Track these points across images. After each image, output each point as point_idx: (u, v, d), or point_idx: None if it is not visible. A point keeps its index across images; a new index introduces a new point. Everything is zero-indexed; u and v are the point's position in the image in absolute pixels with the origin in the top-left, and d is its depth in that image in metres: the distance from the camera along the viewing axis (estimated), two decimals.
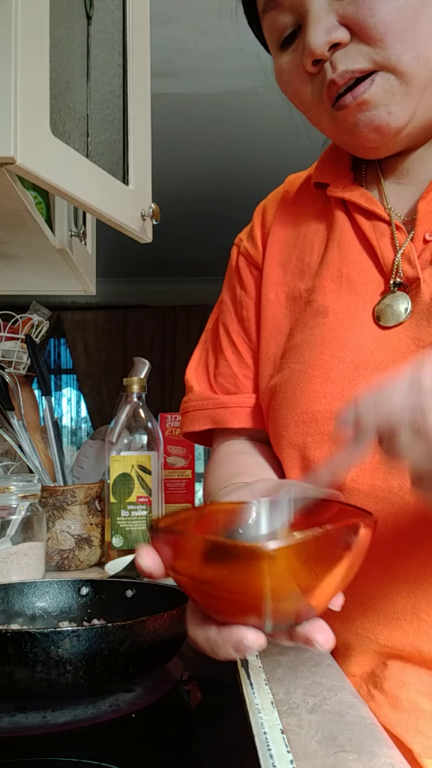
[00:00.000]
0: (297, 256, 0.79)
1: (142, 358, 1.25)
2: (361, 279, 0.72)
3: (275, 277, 0.80)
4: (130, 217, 1.00)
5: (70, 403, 6.24)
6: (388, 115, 0.65)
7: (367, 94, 0.64)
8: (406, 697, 0.66)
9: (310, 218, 0.79)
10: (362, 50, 0.63)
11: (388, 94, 0.64)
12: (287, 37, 0.68)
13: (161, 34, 2.55)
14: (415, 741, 0.65)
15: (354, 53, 0.63)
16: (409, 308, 0.68)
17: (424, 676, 0.66)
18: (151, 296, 6.05)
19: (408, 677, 0.66)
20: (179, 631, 0.60)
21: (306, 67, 0.66)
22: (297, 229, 0.80)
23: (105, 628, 0.54)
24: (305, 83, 0.68)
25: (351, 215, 0.75)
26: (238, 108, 3.18)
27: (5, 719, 0.54)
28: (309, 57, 0.64)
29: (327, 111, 0.68)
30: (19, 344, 1.35)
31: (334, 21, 0.63)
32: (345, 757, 0.48)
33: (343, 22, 0.63)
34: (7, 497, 0.99)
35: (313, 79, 0.67)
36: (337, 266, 0.74)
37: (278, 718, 0.53)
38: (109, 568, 1.04)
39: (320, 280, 0.75)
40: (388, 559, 0.65)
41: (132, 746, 0.51)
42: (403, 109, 0.65)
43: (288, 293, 0.79)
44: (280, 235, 0.82)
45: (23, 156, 0.75)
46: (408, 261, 0.69)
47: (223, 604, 0.45)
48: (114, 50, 1.02)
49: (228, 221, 4.76)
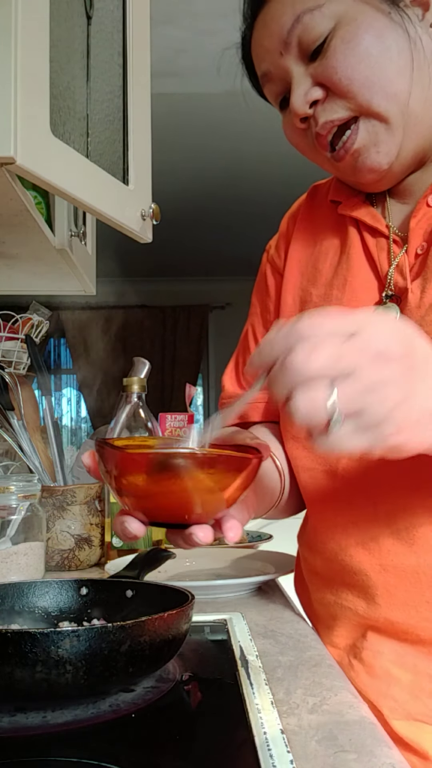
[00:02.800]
0: (313, 264, 0.86)
1: (142, 358, 1.25)
2: (362, 289, 0.80)
3: (294, 282, 0.88)
4: (130, 217, 1.00)
5: (70, 403, 6.24)
6: (377, 154, 0.74)
7: (356, 143, 0.74)
8: (380, 666, 0.74)
9: (327, 229, 0.87)
10: (337, 102, 0.73)
11: (373, 136, 0.74)
12: (282, 101, 0.80)
13: (161, 34, 2.55)
14: (385, 704, 0.73)
15: (331, 106, 0.74)
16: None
17: (396, 647, 0.74)
18: (151, 296, 6.05)
19: (383, 647, 0.75)
20: (179, 631, 0.60)
21: (296, 125, 0.78)
22: (315, 237, 0.88)
23: (105, 628, 0.54)
24: (301, 137, 0.79)
25: (360, 231, 0.83)
26: (238, 108, 3.16)
27: (5, 719, 0.54)
28: (295, 117, 0.76)
29: (326, 158, 0.78)
30: (19, 344, 1.35)
31: (309, 84, 0.74)
32: (345, 757, 0.48)
33: (317, 82, 0.74)
34: (7, 497, 0.99)
35: (306, 133, 0.78)
36: (344, 276, 0.82)
37: (278, 718, 0.53)
38: (109, 568, 1.04)
39: (330, 288, 0.82)
40: (365, 538, 0.74)
41: (132, 746, 0.51)
42: (389, 146, 0.74)
43: (302, 297, 0.86)
44: (300, 243, 0.90)
45: (23, 156, 0.75)
46: (400, 273, 0.77)
47: (150, 504, 0.59)
48: (114, 50, 1.02)
49: (228, 221, 4.76)
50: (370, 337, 0.47)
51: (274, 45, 0.75)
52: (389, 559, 0.72)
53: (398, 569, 0.72)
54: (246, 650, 0.69)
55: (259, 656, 0.68)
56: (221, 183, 4.03)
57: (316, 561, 0.82)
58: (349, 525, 0.76)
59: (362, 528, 0.74)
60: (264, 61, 0.78)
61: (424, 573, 0.70)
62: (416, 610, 0.71)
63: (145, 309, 6.08)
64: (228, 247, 5.21)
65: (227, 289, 5.91)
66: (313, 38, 0.72)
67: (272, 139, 3.46)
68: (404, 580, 0.71)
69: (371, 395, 0.47)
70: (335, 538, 0.78)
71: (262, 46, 0.78)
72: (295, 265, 0.89)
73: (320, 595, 0.83)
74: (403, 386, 0.48)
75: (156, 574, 0.99)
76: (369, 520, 0.74)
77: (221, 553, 1.19)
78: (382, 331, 0.48)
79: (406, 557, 0.71)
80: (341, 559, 0.76)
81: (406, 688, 0.72)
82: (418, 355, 0.49)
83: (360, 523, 0.75)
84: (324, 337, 0.47)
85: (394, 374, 0.48)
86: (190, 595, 0.64)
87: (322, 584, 0.82)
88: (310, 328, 0.48)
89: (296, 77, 0.75)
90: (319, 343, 0.47)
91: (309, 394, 0.47)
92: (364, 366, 0.47)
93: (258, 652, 0.69)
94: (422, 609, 0.71)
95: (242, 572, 1.05)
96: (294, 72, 0.75)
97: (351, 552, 0.75)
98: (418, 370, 0.49)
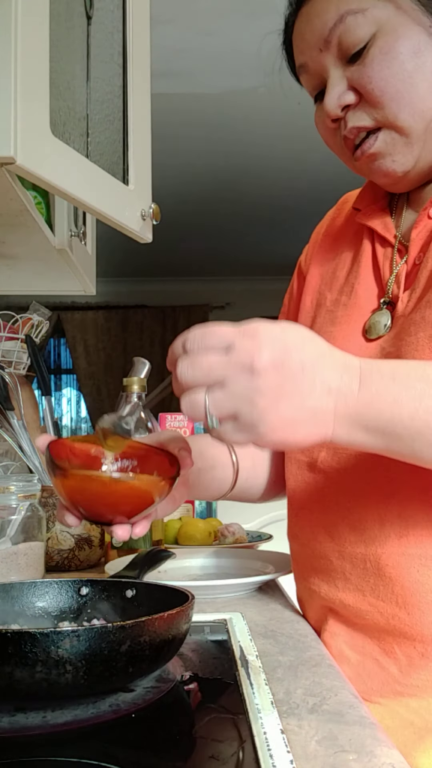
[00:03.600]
0: (332, 270, 0.90)
1: (142, 358, 1.25)
2: (365, 296, 0.83)
3: (314, 286, 0.92)
4: (130, 217, 1.00)
5: (70, 403, 6.24)
6: (392, 163, 0.77)
7: (373, 148, 0.77)
8: (335, 646, 0.79)
9: (349, 237, 0.91)
10: (367, 110, 0.76)
11: (390, 146, 0.76)
12: (318, 94, 0.82)
13: (161, 34, 2.55)
14: None
15: (360, 113, 0.76)
16: (389, 324, 0.79)
17: (349, 629, 0.79)
18: (151, 296, 6.05)
19: (338, 629, 0.80)
20: (179, 631, 0.60)
21: (327, 124, 0.80)
22: (338, 244, 0.92)
23: (105, 628, 0.54)
24: (331, 134, 0.82)
25: (372, 239, 0.86)
26: (238, 108, 3.18)
27: (5, 719, 0.55)
28: (327, 118, 0.79)
29: (350, 158, 0.81)
30: (19, 344, 1.35)
31: (344, 87, 0.77)
32: (345, 757, 0.48)
33: (351, 86, 0.76)
34: (7, 497, 0.99)
35: (335, 132, 0.81)
36: (352, 283, 0.85)
37: (278, 718, 0.53)
38: (109, 568, 1.04)
39: (340, 294, 0.86)
40: (329, 525, 0.79)
41: (132, 746, 0.51)
42: (406, 157, 0.77)
43: (318, 301, 0.90)
44: (324, 249, 0.94)
45: (23, 156, 0.75)
46: (397, 281, 0.80)
47: (72, 501, 0.66)
48: (114, 50, 1.02)
49: (228, 221, 4.76)
50: (240, 352, 0.54)
51: (315, 40, 0.77)
52: (346, 546, 0.77)
53: (351, 556, 0.77)
54: (246, 650, 0.69)
55: (259, 656, 0.68)
56: (221, 183, 4.03)
57: (294, 546, 0.88)
58: (318, 513, 0.81)
59: (329, 517, 0.80)
60: (303, 53, 0.79)
61: (369, 561, 0.75)
62: (363, 595, 0.76)
63: (145, 309, 6.07)
64: (228, 247, 5.21)
65: (227, 289, 5.91)
66: (353, 41, 0.74)
67: (272, 139, 3.47)
68: (356, 567, 0.76)
69: (240, 402, 0.54)
70: (309, 525, 0.82)
71: (303, 39, 0.79)
72: (317, 269, 0.93)
73: (298, 580, 0.89)
74: (271, 394, 0.54)
75: (156, 574, 0.99)
76: (334, 510, 0.79)
77: (221, 553, 1.19)
78: (254, 345, 0.54)
79: (357, 546, 0.76)
80: (312, 545, 0.82)
81: (352, 668, 0.77)
82: (292, 364, 0.55)
83: (328, 513, 0.80)
84: (202, 351, 0.55)
85: (261, 384, 0.54)
86: (190, 595, 0.64)
87: (298, 568, 0.87)
88: (193, 341, 0.56)
89: (332, 78, 0.77)
90: (197, 357, 0.55)
91: (190, 398, 0.56)
92: (233, 377, 0.54)
93: (258, 652, 0.69)
94: (368, 595, 0.75)
95: (242, 572, 1.05)
96: (331, 72, 0.77)
97: (320, 538, 0.80)
98: (290, 377, 0.55)
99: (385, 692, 0.74)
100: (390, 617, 0.74)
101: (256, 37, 2.55)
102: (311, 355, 0.56)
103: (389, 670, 0.74)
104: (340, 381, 0.56)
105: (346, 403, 0.56)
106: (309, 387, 0.55)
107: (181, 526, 1.37)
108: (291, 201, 4.24)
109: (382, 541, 0.74)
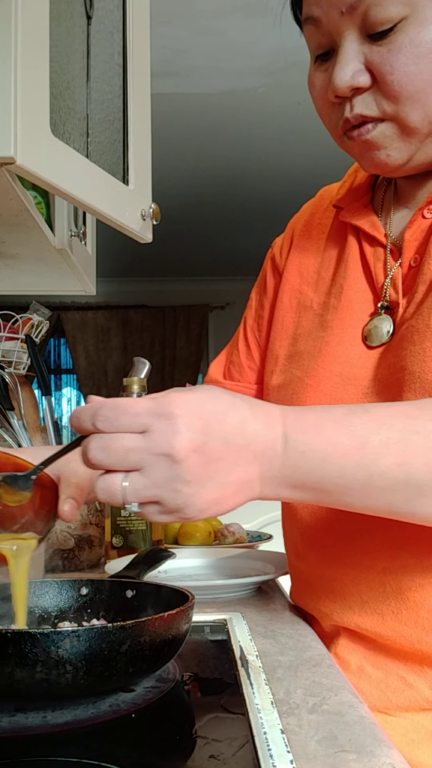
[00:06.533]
0: (315, 269, 0.86)
1: (142, 358, 1.25)
2: (357, 299, 0.79)
3: (292, 284, 0.88)
4: (130, 217, 1.00)
5: (70, 403, 6.24)
6: (386, 156, 0.72)
7: (369, 136, 0.71)
8: (354, 662, 0.76)
9: (332, 234, 0.86)
10: (378, 99, 0.69)
11: (388, 140, 0.71)
12: (321, 54, 0.73)
13: (161, 34, 2.55)
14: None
15: (370, 100, 0.70)
16: (391, 331, 0.75)
17: (366, 649, 0.76)
18: (151, 296, 6.05)
19: (355, 647, 0.77)
20: (179, 631, 0.60)
21: (329, 98, 0.72)
22: (318, 242, 0.87)
23: (105, 628, 0.54)
24: (327, 107, 0.74)
25: (359, 239, 0.81)
26: (238, 108, 3.18)
27: (5, 719, 0.55)
28: (332, 93, 0.71)
29: (340, 135, 0.75)
30: (19, 344, 1.35)
31: (360, 64, 0.69)
32: (345, 757, 0.48)
33: (368, 66, 0.69)
34: None
35: (334, 107, 0.73)
36: (341, 285, 0.81)
37: (278, 718, 0.53)
38: (109, 568, 1.04)
39: (329, 296, 0.82)
40: (341, 548, 0.76)
41: (132, 746, 0.51)
42: (401, 153, 0.72)
43: (300, 301, 0.86)
44: (302, 246, 0.89)
45: (23, 156, 0.75)
46: (394, 286, 0.76)
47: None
48: (114, 50, 1.02)
49: (228, 221, 4.76)
50: (157, 437, 0.50)
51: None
52: (361, 570, 0.74)
53: (368, 580, 0.74)
54: (246, 650, 0.69)
55: (259, 656, 0.68)
56: (221, 183, 4.03)
57: (298, 565, 0.85)
58: (323, 533, 0.79)
59: (338, 537, 0.77)
60: (321, 6, 0.70)
61: (389, 585, 0.72)
62: (383, 619, 0.73)
63: (145, 309, 6.07)
64: (228, 247, 5.21)
65: (227, 289, 5.91)
66: (381, 18, 0.66)
67: (272, 139, 3.47)
68: (374, 590, 0.73)
69: (162, 490, 0.51)
70: (317, 546, 0.79)
71: None
72: (295, 267, 0.88)
73: (300, 599, 0.87)
74: (194, 479, 0.50)
75: (156, 574, 0.99)
76: (345, 531, 0.76)
77: (221, 553, 1.19)
78: (171, 428, 0.50)
79: (373, 569, 0.73)
80: (320, 567, 0.79)
81: (374, 684, 0.74)
82: (214, 443, 0.51)
83: (335, 533, 0.77)
84: (115, 434, 0.51)
85: (182, 472, 0.50)
86: (190, 595, 0.64)
87: (303, 588, 0.85)
88: (105, 420, 0.51)
89: (348, 50, 0.69)
90: (111, 441, 0.50)
91: (106, 483, 0.51)
92: (151, 464, 0.50)
93: (258, 652, 0.69)
94: (388, 619, 0.72)
95: (242, 572, 1.05)
96: (347, 42, 0.69)
97: (328, 560, 0.78)
98: (213, 458, 0.51)
99: (411, 707, 0.72)
100: (415, 642, 0.71)
101: (256, 37, 2.55)
102: (233, 424, 0.52)
103: (417, 687, 0.72)
104: (264, 445, 0.53)
105: (272, 466, 0.54)
106: (233, 461, 0.52)
107: (181, 526, 1.37)
108: (290, 200, 4.24)
109: (402, 564, 0.71)
